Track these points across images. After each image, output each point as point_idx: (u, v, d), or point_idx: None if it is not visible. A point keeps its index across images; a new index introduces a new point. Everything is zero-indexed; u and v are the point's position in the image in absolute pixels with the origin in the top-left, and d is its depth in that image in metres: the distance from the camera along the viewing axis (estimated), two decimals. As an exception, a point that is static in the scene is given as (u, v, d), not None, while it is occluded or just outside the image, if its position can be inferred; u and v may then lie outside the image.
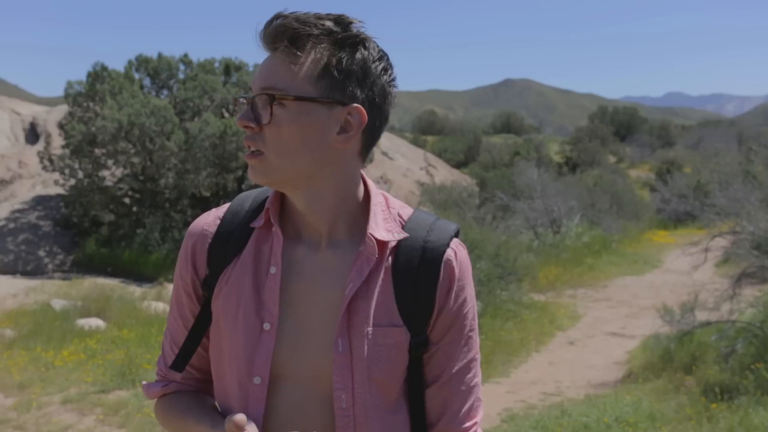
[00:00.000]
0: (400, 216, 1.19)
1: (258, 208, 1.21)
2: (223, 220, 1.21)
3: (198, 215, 1.32)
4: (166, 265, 12.96)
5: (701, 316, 7.71)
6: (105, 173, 15.00)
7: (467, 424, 1.20)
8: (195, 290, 1.22)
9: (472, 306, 1.22)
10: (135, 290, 11.21)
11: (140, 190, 15.21)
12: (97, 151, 14.52)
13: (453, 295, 1.17)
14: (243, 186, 15.22)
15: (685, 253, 9.37)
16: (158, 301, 9.93)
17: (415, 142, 34.72)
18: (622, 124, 54.73)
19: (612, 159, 42.64)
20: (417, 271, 1.15)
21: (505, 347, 8.19)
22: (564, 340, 9.23)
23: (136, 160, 14.47)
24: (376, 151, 18.88)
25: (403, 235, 1.16)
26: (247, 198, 1.24)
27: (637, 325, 9.92)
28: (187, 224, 13.70)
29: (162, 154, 14.23)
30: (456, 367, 1.19)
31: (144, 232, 14.29)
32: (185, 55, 16.62)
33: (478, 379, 1.23)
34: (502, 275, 9.31)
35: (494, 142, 41.80)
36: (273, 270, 1.15)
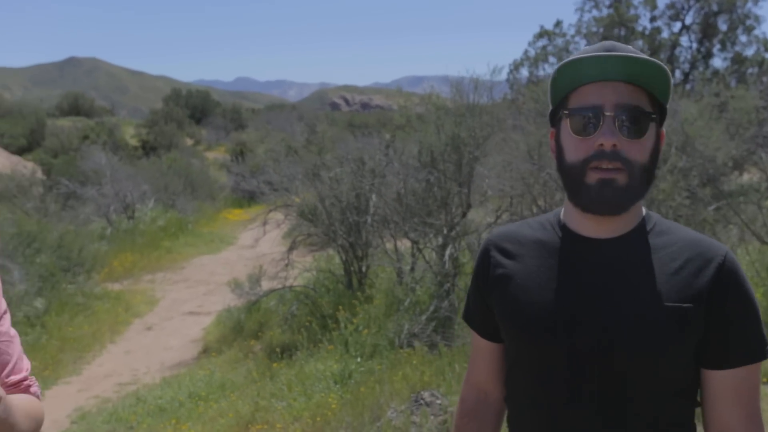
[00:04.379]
0: None
1: None
2: None
3: None
4: None
5: (266, 285, 8.37)
6: None
7: (19, 376, 1.20)
8: None
9: None
10: None
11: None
12: None
13: None
14: None
15: (247, 228, 10.04)
16: None
17: (-40, 126, 29.92)
18: (196, 107, 55.43)
19: (189, 141, 43.03)
20: None
21: (75, 343, 7.71)
22: (141, 327, 9.10)
23: None
24: None
25: None
26: None
27: (214, 302, 10.31)
28: None
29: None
30: None
31: None
32: None
33: None
34: (68, 267, 8.69)
35: (62, 125, 38.49)
36: None
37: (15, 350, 1.20)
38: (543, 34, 19.98)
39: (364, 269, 8.02)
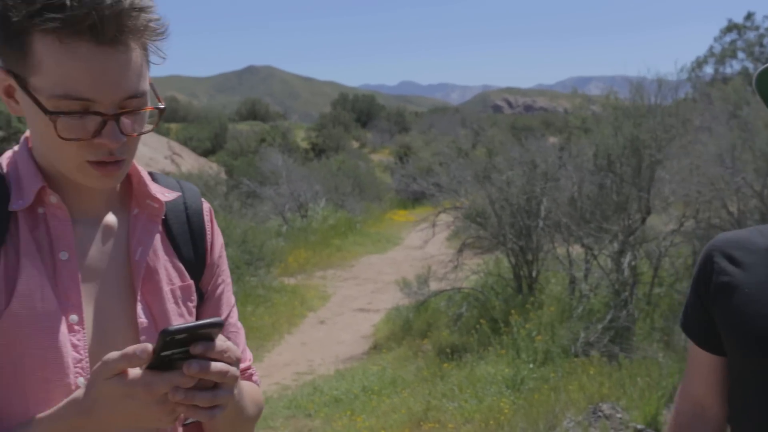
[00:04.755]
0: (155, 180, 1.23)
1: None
2: None
3: None
4: None
5: (434, 286, 8.46)
6: None
7: (244, 365, 1.27)
8: None
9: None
10: None
11: None
12: None
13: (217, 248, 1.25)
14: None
15: (417, 230, 10.20)
16: None
17: (158, 131, 33.08)
18: (362, 111, 57.24)
19: (355, 144, 44.54)
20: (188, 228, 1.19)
21: (257, 332, 8.23)
22: (315, 320, 9.54)
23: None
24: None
25: (176, 194, 1.19)
26: None
27: (382, 300, 10.59)
28: None
29: None
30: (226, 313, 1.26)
31: None
32: None
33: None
34: (251, 261, 9.32)
35: (241, 129, 41.40)
36: (65, 256, 1.04)
37: (241, 341, 1.28)
38: (731, 28, 18.51)
39: (534, 274, 7.87)
